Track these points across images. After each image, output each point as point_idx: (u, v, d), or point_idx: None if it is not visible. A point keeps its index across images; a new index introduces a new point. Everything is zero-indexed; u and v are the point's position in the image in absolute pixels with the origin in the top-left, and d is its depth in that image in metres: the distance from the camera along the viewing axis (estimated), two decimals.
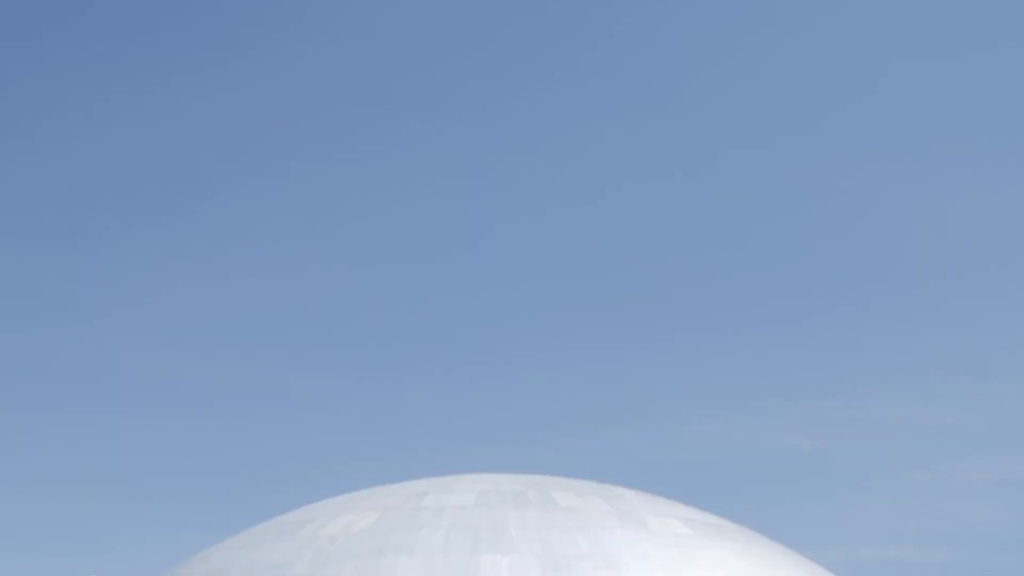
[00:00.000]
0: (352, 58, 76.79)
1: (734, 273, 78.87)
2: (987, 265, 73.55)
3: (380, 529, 32.77)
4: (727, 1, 74.79)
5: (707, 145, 75.39)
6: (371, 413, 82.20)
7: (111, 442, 78.08)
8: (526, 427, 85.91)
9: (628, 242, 76.89)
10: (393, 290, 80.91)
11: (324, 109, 77.15)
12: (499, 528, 32.20)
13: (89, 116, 75.27)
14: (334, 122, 75.75)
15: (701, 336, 79.39)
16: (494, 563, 30.83)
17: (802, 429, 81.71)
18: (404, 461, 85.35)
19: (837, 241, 75.36)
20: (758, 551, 34.57)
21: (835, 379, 77.52)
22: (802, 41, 75.29)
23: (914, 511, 79.88)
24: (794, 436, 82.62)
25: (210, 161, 77.29)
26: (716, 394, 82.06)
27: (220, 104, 77.85)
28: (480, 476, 36.98)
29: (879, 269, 75.64)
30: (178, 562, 40.18)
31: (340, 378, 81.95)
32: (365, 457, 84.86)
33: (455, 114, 78.44)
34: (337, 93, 77.49)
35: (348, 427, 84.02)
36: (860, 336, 78.48)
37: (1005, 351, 75.19)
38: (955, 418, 79.14)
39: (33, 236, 75.75)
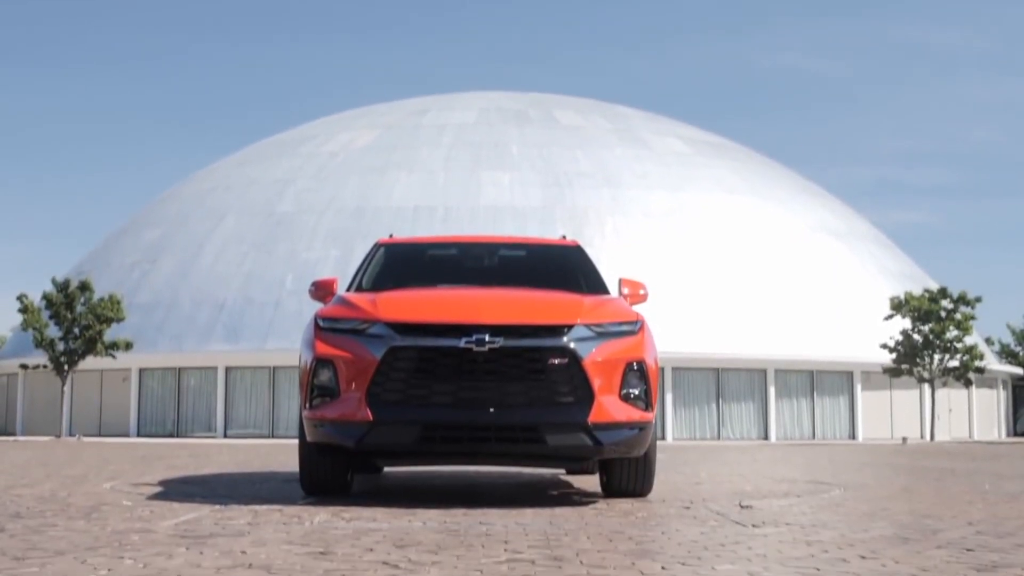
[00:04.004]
0: None
1: None
2: None
3: (381, 146, 33.05)
4: None
5: None
6: (367, 27, 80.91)
7: (109, 61, 77.30)
8: (526, 45, 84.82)
9: None
10: None
11: None
12: (500, 145, 32.47)
13: None
14: None
15: None
16: (495, 180, 31.31)
17: (803, 49, 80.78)
18: (403, 78, 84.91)
19: None
20: (757, 169, 35.11)
21: None
22: None
23: (914, 132, 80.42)
24: (795, 55, 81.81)
25: None
26: (718, 13, 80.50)
27: None
28: (480, 94, 36.90)
29: None
30: (182, 178, 40.86)
31: None
32: (363, 74, 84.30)
33: None
34: None
35: (344, 42, 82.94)
36: None
37: None
38: (961, 39, 78.08)
39: None
